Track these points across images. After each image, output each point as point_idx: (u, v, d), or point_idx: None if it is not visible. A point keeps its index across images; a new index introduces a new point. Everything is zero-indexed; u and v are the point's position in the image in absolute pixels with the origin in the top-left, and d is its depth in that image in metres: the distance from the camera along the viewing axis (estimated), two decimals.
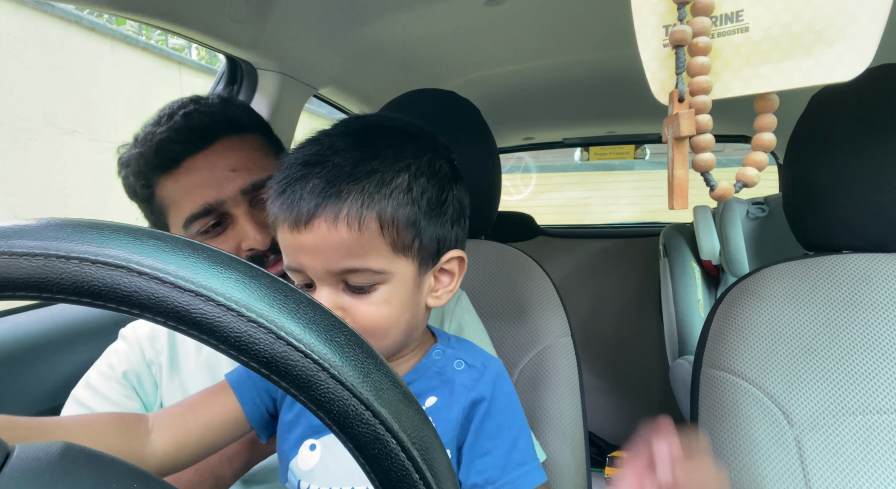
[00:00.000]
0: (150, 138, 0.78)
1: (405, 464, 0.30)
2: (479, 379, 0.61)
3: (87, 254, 0.28)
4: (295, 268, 0.57)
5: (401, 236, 0.57)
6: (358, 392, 0.29)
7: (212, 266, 0.29)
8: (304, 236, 0.55)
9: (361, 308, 0.56)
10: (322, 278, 0.56)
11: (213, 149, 0.79)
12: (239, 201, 0.79)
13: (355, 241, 0.55)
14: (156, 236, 0.30)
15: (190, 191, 0.77)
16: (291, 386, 0.29)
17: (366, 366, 0.30)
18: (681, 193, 0.45)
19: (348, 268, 0.55)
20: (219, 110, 0.81)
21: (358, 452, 0.30)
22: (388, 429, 0.30)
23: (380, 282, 0.56)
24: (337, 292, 0.56)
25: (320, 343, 0.29)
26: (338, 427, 0.29)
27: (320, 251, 0.55)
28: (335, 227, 0.54)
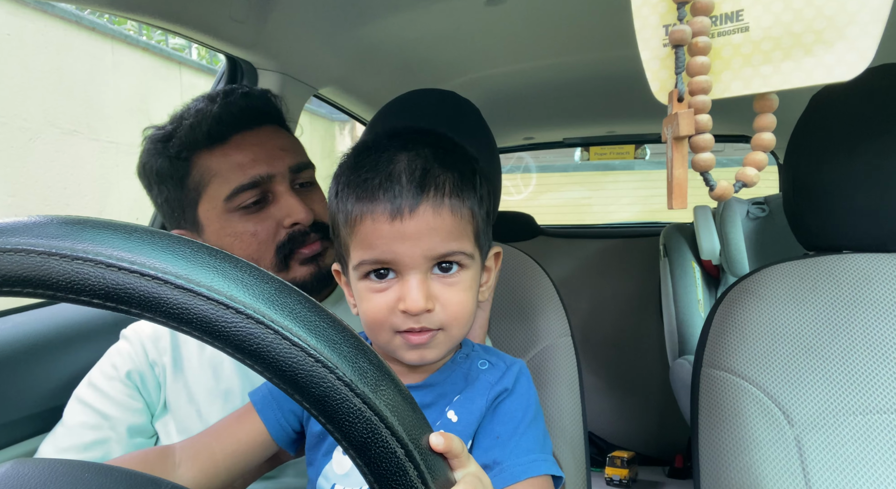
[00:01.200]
0: (204, 113, 0.81)
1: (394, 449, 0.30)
2: (502, 376, 0.63)
3: (84, 254, 0.28)
4: (384, 258, 0.57)
5: (479, 228, 0.61)
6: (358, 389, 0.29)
7: (210, 263, 0.29)
8: (406, 224, 0.56)
9: (450, 296, 0.58)
10: (415, 265, 0.57)
11: (263, 130, 0.84)
12: (286, 177, 0.83)
13: (455, 226, 0.58)
14: (161, 236, 0.30)
15: (240, 164, 0.80)
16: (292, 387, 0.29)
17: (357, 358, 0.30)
18: (680, 193, 0.45)
19: (448, 252, 0.58)
20: (272, 101, 0.89)
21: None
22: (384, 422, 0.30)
23: (465, 266, 0.60)
24: (427, 279, 0.58)
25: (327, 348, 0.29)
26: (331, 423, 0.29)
27: (422, 237, 0.56)
28: (440, 213, 0.57)
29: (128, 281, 0.27)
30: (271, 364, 0.28)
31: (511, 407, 0.62)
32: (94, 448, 0.78)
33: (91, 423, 0.79)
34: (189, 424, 0.81)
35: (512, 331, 1.03)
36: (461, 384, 0.63)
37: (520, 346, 1.02)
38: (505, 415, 0.61)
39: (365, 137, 0.63)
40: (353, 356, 0.30)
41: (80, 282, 0.27)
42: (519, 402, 0.62)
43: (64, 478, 0.29)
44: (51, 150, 2.96)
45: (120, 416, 0.80)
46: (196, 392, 0.83)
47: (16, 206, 2.79)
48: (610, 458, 2.28)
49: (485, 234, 0.64)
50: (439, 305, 0.58)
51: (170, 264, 0.28)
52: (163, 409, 0.83)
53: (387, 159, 0.59)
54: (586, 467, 0.98)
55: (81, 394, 0.81)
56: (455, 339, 0.61)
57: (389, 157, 0.59)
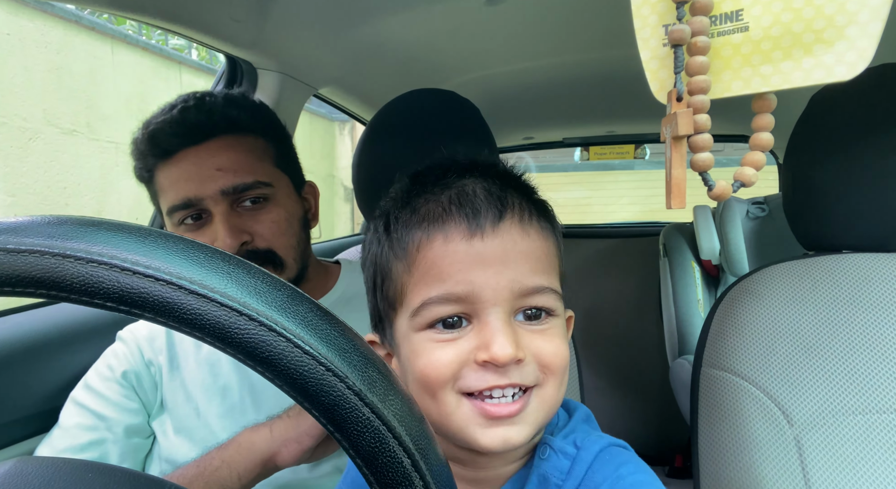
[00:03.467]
0: (147, 126, 0.81)
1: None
2: (570, 469, 0.46)
3: (99, 257, 0.28)
4: (458, 293, 0.44)
5: (562, 269, 0.50)
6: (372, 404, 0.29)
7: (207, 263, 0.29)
8: (488, 243, 0.44)
9: (543, 344, 0.45)
10: (499, 301, 0.44)
11: (206, 146, 0.79)
12: (218, 201, 0.79)
13: (544, 253, 0.47)
14: (163, 236, 0.30)
15: (176, 182, 0.79)
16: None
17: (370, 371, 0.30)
18: (678, 193, 0.45)
19: (536, 287, 0.45)
20: (219, 109, 0.82)
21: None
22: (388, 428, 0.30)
23: (555, 312, 0.47)
24: (512, 324, 0.45)
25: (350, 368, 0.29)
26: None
27: (509, 261, 0.44)
28: (528, 232, 0.46)
29: (142, 285, 0.27)
30: (282, 372, 0.28)
31: None
32: (91, 449, 0.78)
33: (87, 425, 0.79)
34: (187, 423, 0.82)
35: None
36: None
37: None
38: None
39: (381, 122, 0.52)
40: (362, 365, 0.30)
41: (95, 285, 0.27)
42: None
43: (66, 477, 0.29)
44: (51, 150, 2.96)
45: (116, 417, 0.80)
46: (193, 390, 0.83)
47: (16, 205, 2.79)
48: None
49: (563, 284, 0.51)
50: (531, 356, 0.44)
51: (184, 269, 0.28)
52: (159, 409, 0.83)
53: (453, 180, 0.48)
54: None
55: (77, 396, 0.81)
56: (550, 406, 0.46)
57: (455, 180, 0.48)
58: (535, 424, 0.45)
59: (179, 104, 0.82)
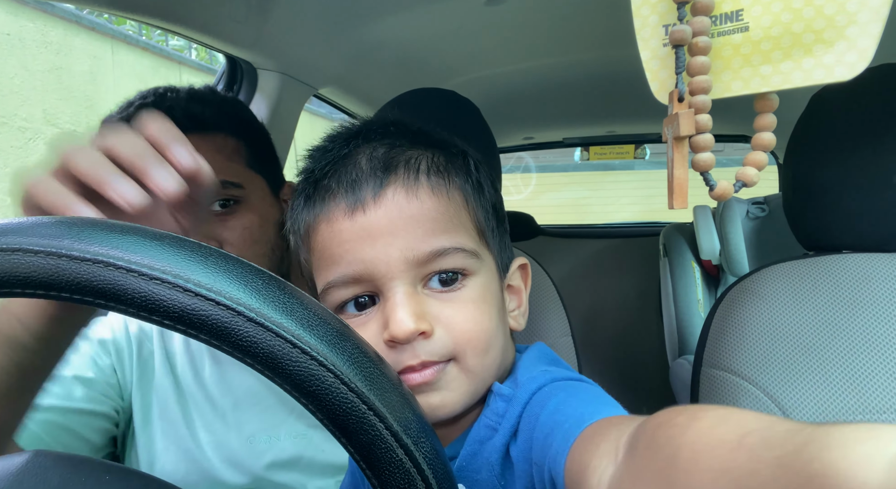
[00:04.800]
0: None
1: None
2: (504, 411, 0.44)
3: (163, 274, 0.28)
4: (352, 273, 0.43)
5: (480, 219, 0.47)
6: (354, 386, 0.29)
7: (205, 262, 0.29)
8: (371, 215, 0.42)
9: (453, 312, 0.43)
10: (396, 274, 0.42)
11: None
12: None
13: (442, 212, 0.44)
14: (160, 236, 0.30)
15: None
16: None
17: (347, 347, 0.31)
18: (680, 193, 0.45)
19: (436, 251, 0.43)
20: (181, 105, 0.74)
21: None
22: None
23: (470, 271, 0.44)
24: (417, 295, 0.43)
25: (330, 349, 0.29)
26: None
27: (397, 231, 0.42)
28: (416, 194, 0.43)
29: (203, 308, 0.28)
30: (326, 406, 0.29)
31: (526, 429, 0.42)
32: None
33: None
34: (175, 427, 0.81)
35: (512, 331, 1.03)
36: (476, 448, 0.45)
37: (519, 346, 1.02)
38: (527, 444, 0.42)
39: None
40: (400, 406, 0.31)
41: (156, 303, 0.27)
42: (533, 415, 0.42)
43: (84, 477, 0.29)
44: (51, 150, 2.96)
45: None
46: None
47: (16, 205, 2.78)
48: None
49: (495, 235, 0.49)
50: (441, 328, 0.42)
51: (244, 295, 0.28)
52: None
53: (342, 145, 0.47)
54: None
55: None
56: (476, 374, 0.44)
57: (345, 144, 0.47)
58: (462, 391, 0.43)
59: (137, 101, 0.74)
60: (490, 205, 0.50)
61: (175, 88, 0.77)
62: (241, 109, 0.83)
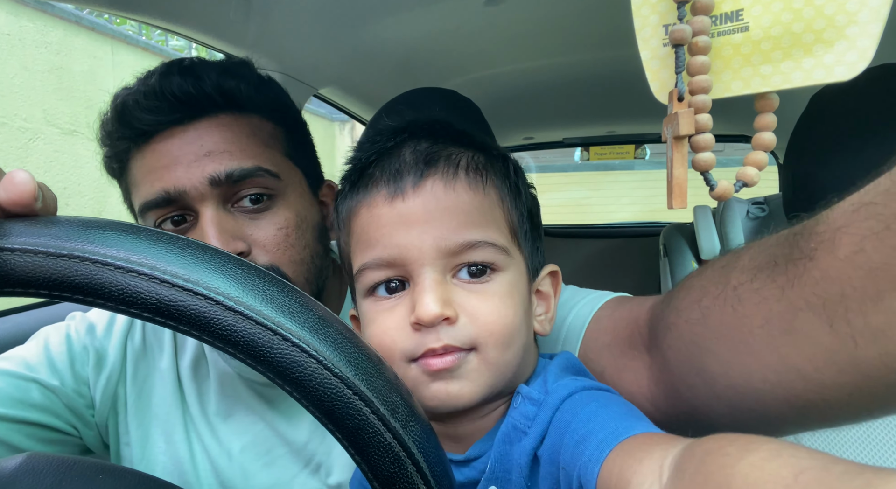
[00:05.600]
0: (116, 99, 0.64)
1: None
2: (535, 415, 0.44)
3: (139, 267, 0.28)
4: (386, 258, 0.45)
5: (514, 219, 0.48)
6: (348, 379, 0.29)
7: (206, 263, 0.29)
8: (409, 203, 0.44)
9: (479, 304, 0.44)
10: (428, 261, 0.44)
11: (194, 125, 0.62)
12: (206, 194, 0.60)
13: (477, 205, 0.45)
14: (158, 236, 0.30)
15: (151, 172, 0.61)
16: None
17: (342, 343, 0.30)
18: (679, 193, 0.45)
19: (468, 242, 0.44)
20: (213, 78, 0.63)
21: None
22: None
23: (499, 266, 0.46)
24: (446, 283, 0.44)
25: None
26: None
27: (432, 220, 0.44)
28: (453, 186, 0.45)
29: (180, 298, 0.27)
30: (311, 393, 0.28)
31: (556, 439, 0.42)
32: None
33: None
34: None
35: None
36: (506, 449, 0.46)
37: None
38: (556, 453, 0.41)
39: (381, 121, 0.53)
40: (387, 390, 0.30)
41: (133, 295, 0.27)
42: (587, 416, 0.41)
43: (78, 478, 0.29)
44: (51, 150, 2.96)
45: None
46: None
47: None
48: None
49: (528, 239, 0.50)
50: (465, 316, 0.43)
51: (222, 285, 0.28)
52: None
53: (388, 138, 0.49)
54: None
55: None
56: (496, 367, 0.44)
57: (392, 138, 0.49)
58: (481, 383, 0.44)
59: (160, 70, 0.64)
60: (526, 209, 0.51)
61: (204, 60, 0.68)
62: (279, 92, 0.73)
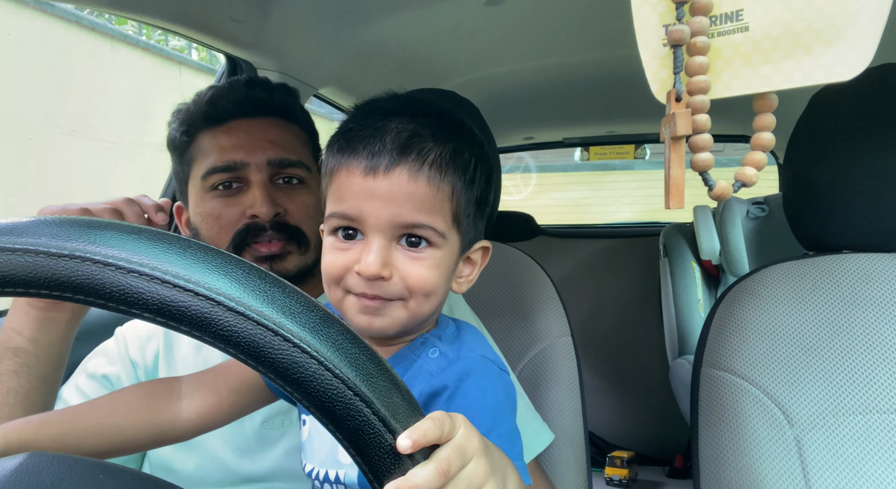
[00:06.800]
0: (206, 93, 0.85)
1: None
2: (445, 368, 0.58)
3: (140, 267, 0.28)
4: (350, 214, 0.56)
5: (460, 209, 0.59)
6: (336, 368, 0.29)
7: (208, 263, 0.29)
8: (379, 182, 0.55)
9: (412, 268, 0.56)
10: (381, 229, 0.55)
11: (259, 121, 0.83)
12: (262, 169, 0.81)
13: (430, 198, 0.56)
14: (158, 236, 0.30)
15: (223, 146, 0.81)
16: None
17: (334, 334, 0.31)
18: (677, 193, 0.45)
19: (415, 223, 0.55)
20: (278, 93, 0.87)
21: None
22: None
23: (435, 245, 0.57)
24: (389, 248, 0.56)
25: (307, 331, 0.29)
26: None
27: (393, 200, 0.55)
28: (416, 179, 0.55)
29: (181, 299, 0.27)
30: (312, 393, 0.28)
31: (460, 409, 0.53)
32: None
33: None
34: None
35: (512, 331, 1.03)
36: (404, 370, 0.60)
37: (519, 346, 1.02)
38: None
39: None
40: (388, 391, 0.31)
41: (134, 296, 0.27)
42: (465, 409, 0.51)
43: (78, 477, 0.29)
44: (51, 150, 2.96)
45: None
46: None
47: (16, 205, 2.79)
48: (610, 458, 2.28)
49: (469, 221, 0.61)
50: (398, 276, 0.55)
51: (223, 285, 0.28)
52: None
53: (378, 117, 0.58)
54: (587, 467, 0.98)
55: (64, 394, 0.81)
56: (416, 316, 0.57)
57: (382, 116, 0.58)
58: (399, 322, 0.57)
59: (244, 79, 0.87)
60: (475, 197, 0.61)
61: (264, 80, 0.90)
62: (305, 109, 0.95)
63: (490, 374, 0.59)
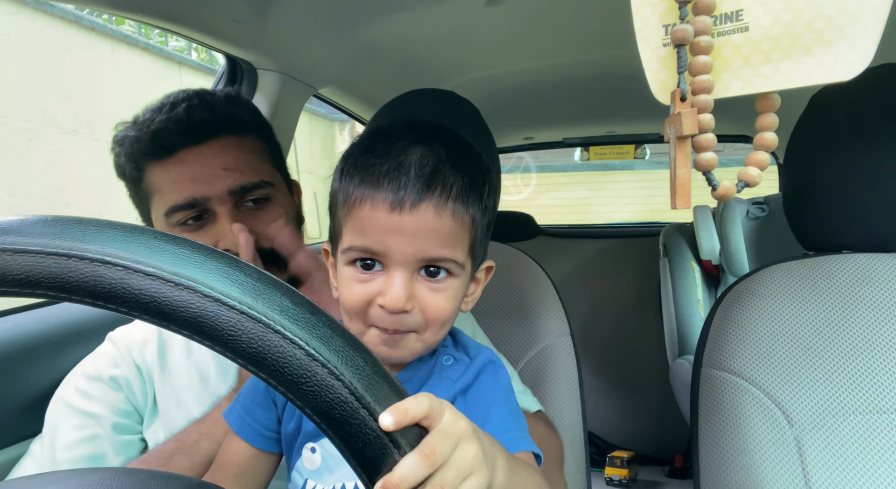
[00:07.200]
0: (147, 124, 0.79)
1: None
2: (464, 372, 0.62)
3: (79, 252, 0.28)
4: (374, 249, 0.56)
5: (476, 238, 0.60)
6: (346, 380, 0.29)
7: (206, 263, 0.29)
8: (405, 218, 0.54)
9: (432, 299, 0.57)
10: (404, 263, 0.55)
11: (210, 145, 0.79)
12: (224, 200, 0.78)
13: (453, 232, 0.56)
14: (160, 236, 0.30)
15: (178, 182, 0.78)
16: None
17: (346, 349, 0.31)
18: (683, 193, 0.45)
19: (440, 257, 0.56)
20: (222, 108, 0.82)
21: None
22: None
23: (454, 274, 0.58)
24: (412, 280, 0.56)
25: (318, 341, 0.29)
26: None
27: (418, 236, 0.55)
28: (441, 214, 0.55)
29: (182, 298, 0.28)
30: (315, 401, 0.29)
31: (474, 396, 0.61)
32: (85, 445, 0.77)
33: (78, 423, 0.78)
34: (179, 427, 0.81)
35: (511, 331, 1.03)
36: (424, 380, 0.62)
37: (519, 346, 1.02)
38: (472, 406, 0.60)
39: (381, 123, 0.63)
40: (368, 376, 0.31)
41: (134, 296, 0.28)
42: (481, 391, 0.61)
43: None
44: (51, 150, 2.96)
45: (106, 414, 0.79)
46: (184, 396, 0.82)
47: (16, 205, 2.78)
48: (610, 458, 2.28)
49: (481, 245, 0.62)
50: (418, 308, 0.56)
51: (225, 286, 0.29)
52: (152, 413, 0.83)
53: (399, 149, 0.57)
54: (586, 467, 0.98)
55: (65, 397, 0.80)
56: (427, 345, 0.60)
57: (403, 148, 0.57)
58: (415, 352, 0.59)
59: (182, 102, 0.80)
60: (487, 221, 0.62)
61: (212, 92, 0.86)
62: (260, 114, 0.91)
63: (498, 366, 0.64)
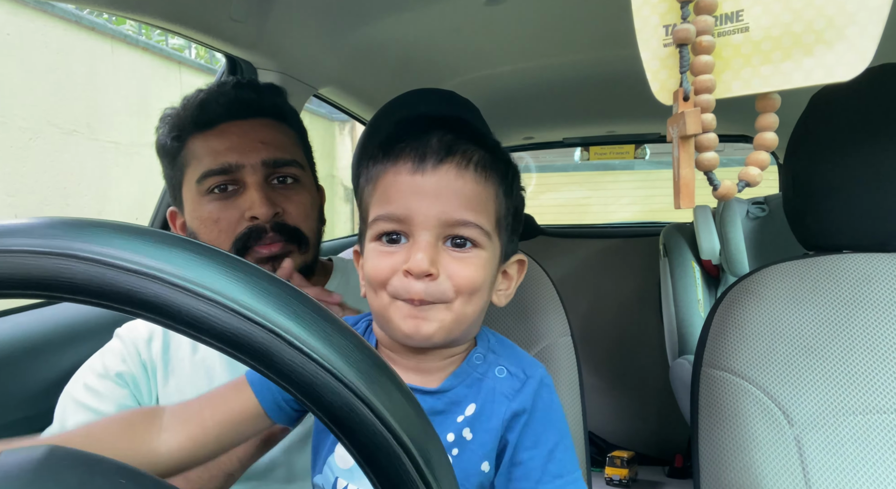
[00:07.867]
0: (196, 97, 0.85)
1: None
2: (520, 389, 0.59)
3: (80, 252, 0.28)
4: (398, 214, 0.55)
5: (501, 213, 0.59)
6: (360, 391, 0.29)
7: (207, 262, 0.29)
8: (427, 178, 0.55)
9: (459, 268, 0.55)
10: (428, 227, 0.55)
11: (251, 122, 0.84)
12: (257, 169, 0.81)
13: (477, 195, 0.56)
14: (161, 236, 0.30)
15: (216, 150, 0.81)
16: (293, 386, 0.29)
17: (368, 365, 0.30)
18: (687, 193, 0.45)
19: (463, 221, 0.55)
20: (268, 94, 0.88)
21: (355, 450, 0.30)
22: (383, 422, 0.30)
23: (481, 245, 0.57)
24: (436, 247, 0.55)
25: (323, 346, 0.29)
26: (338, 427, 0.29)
27: (441, 196, 0.55)
28: (462, 176, 0.56)
29: (245, 328, 0.28)
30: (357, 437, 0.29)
31: (535, 431, 0.58)
32: None
33: (84, 420, 0.78)
34: None
35: (511, 330, 1.03)
36: (475, 391, 0.59)
37: (519, 346, 1.02)
38: (529, 441, 0.58)
39: (381, 122, 0.63)
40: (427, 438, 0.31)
41: (135, 297, 0.27)
42: (543, 425, 0.58)
43: (100, 478, 0.29)
44: (51, 150, 2.96)
45: (113, 411, 0.79)
46: (189, 394, 0.82)
47: (16, 205, 2.78)
48: (610, 458, 2.28)
49: (507, 230, 0.61)
50: (445, 275, 0.54)
51: (225, 287, 0.28)
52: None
53: (420, 129, 0.59)
54: (586, 467, 0.98)
55: (73, 393, 0.80)
56: (460, 318, 0.56)
57: (423, 129, 0.59)
58: (444, 324, 0.56)
59: (232, 81, 0.87)
60: (513, 205, 0.62)
61: (258, 81, 0.91)
62: (296, 112, 0.96)
63: (551, 387, 0.61)
